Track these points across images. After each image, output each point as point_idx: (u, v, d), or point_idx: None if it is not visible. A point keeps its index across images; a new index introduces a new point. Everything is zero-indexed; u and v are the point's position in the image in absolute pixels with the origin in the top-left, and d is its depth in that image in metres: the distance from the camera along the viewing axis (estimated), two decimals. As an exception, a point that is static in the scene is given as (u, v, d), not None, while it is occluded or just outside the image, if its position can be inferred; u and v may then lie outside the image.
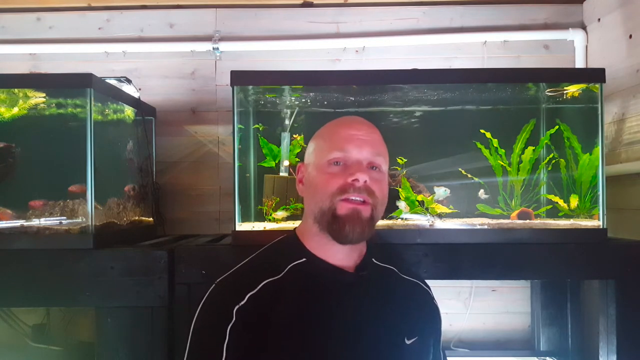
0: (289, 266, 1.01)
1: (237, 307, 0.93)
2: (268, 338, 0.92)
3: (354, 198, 0.97)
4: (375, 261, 1.09)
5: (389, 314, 1.02)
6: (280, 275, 0.99)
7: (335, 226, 0.97)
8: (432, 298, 1.14)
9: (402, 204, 1.52)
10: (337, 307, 0.98)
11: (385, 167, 1.04)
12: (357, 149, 1.00)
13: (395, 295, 1.06)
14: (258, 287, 0.96)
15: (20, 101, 1.50)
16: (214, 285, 1.00)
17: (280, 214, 1.52)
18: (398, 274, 1.12)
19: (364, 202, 0.98)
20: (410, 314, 1.05)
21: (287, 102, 1.69)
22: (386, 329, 1.00)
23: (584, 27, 1.97)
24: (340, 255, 1.02)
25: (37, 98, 1.51)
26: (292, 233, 1.09)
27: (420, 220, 1.50)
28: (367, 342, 0.97)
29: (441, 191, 1.52)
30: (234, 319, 0.92)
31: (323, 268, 1.01)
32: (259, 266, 1.03)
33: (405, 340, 1.01)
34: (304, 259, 1.02)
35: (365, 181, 0.97)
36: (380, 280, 1.06)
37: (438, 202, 1.53)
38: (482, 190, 1.57)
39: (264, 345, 0.92)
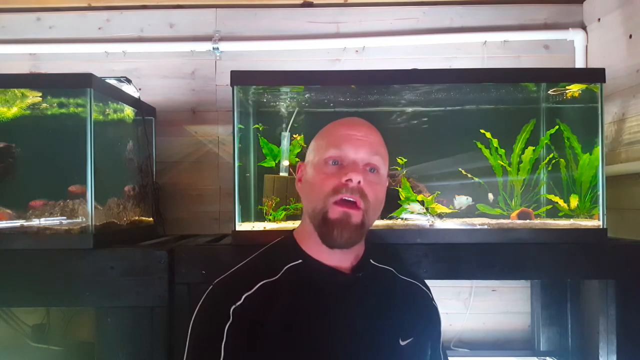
0: (285, 267, 1.01)
1: (233, 307, 0.93)
2: (265, 338, 0.92)
3: (346, 198, 0.96)
4: (373, 262, 1.09)
5: (383, 315, 1.02)
6: (277, 276, 0.99)
7: (325, 229, 0.97)
8: (431, 299, 1.13)
9: (416, 207, 1.48)
10: (332, 308, 0.98)
11: (383, 169, 1.03)
12: (353, 148, 0.99)
13: (392, 296, 1.06)
14: (254, 288, 0.96)
15: (18, 101, 1.50)
16: (211, 286, 1.00)
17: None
18: (396, 275, 1.11)
19: (355, 206, 0.96)
20: (407, 315, 1.05)
21: (287, 102, 1.68)
22: (380, 330, 1.00)
23: (584, 27, 1.97)
24: (337, 257, 1.02)
25: (34, 97, 1.51)
26: (289, 235, 1.09)
27: (420, 220, 1.50)
28: (361, 343, 0.97)
29: (463, 199, 1.46)
30: (230, 319, 0.92)
31: (318, 269, 1.01)
32: (256, 267, 1.03)
33: (400, 341, 1.01)
34: (299, 261, 1.02)
35: (359, 182, 0.96)
36: (377, 282, 1.06)
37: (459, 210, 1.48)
38: (490, 195, 1.49)
39: (261, 345, 0.92)
